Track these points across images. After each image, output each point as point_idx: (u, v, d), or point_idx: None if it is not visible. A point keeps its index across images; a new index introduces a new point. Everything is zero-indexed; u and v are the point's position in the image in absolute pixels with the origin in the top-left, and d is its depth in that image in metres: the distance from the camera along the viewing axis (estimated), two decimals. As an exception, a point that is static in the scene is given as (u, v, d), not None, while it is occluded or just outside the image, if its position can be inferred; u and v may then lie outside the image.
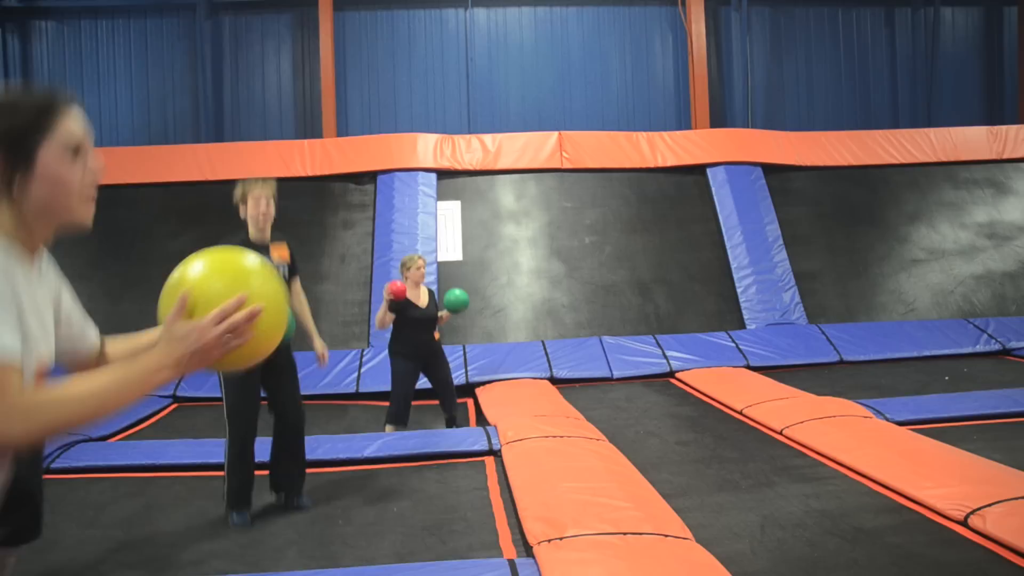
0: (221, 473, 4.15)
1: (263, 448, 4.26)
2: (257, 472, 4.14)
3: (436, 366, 5.90)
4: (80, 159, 1.35)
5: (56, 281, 1.47)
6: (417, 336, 5.79)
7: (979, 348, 8.35)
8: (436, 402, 6.08)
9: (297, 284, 4.43)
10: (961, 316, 9.08)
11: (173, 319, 1.30)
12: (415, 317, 5.74)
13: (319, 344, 4.49)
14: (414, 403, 5.85)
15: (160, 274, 1.54)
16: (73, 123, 1.35)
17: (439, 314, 5.94)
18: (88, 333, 1.55)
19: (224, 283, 1.35)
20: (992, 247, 9.76)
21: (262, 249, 4.07)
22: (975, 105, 12.96)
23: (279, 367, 4.01)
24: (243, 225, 4.20)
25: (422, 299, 5.81)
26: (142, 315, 9.59)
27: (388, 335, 6.10)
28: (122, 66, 12.31)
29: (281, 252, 4.23)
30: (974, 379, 7.09)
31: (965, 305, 9.24)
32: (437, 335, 5.95)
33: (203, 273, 1.36)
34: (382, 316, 5.72)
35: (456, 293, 5.95)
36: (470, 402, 7.24)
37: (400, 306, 5.70)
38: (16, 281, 1.27)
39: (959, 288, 9.41)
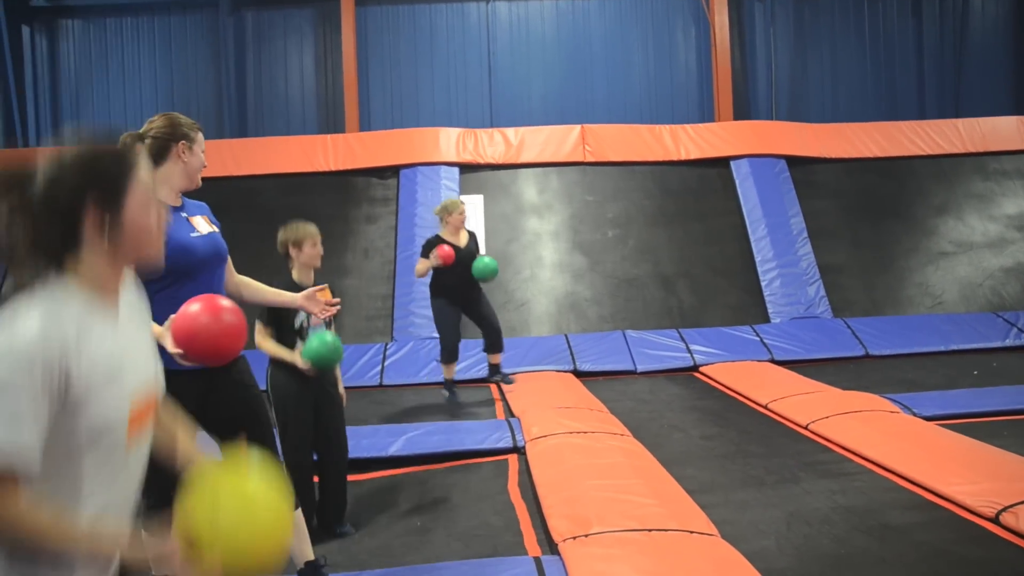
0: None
1: None
2: None
3: (478, 304, 6.05)
4: (154, 202, 1.45)
5: (144, 306, 1.60)
6: (457, 274, 5.94)
7: (1009, 342, 8.22)
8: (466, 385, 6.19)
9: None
10: (990, 310, 8.96)
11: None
12: (456, 256, 5.90)
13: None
14: (434, 387, 5.93)
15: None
16: (145, 175, 1.45)
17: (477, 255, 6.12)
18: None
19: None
20: (1022, 239, 9.61)
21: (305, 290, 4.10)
22: (1005, 95, 12.74)
23: (330, 396, 3.98)
24: (286, 268, 4.17)
25: (461, 241, 5.99)
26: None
27: (403, 317, 6.19)
28: (147, 63, 12.42)
29: (326, 296, 4.17)
30: (1003, 374, 6.99)
31: (994, 298, 9.12)
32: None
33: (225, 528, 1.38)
34: (422, 269, 5.91)
35: (485, 260, 6.08)
36: (495, 390, 7.24)
37: (439, 245, 5.88)
38: (82, 339, 1.32)
39: (988, 281, 9.28)
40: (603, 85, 12.48)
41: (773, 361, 7.87)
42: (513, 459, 4.90)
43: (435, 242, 6.14)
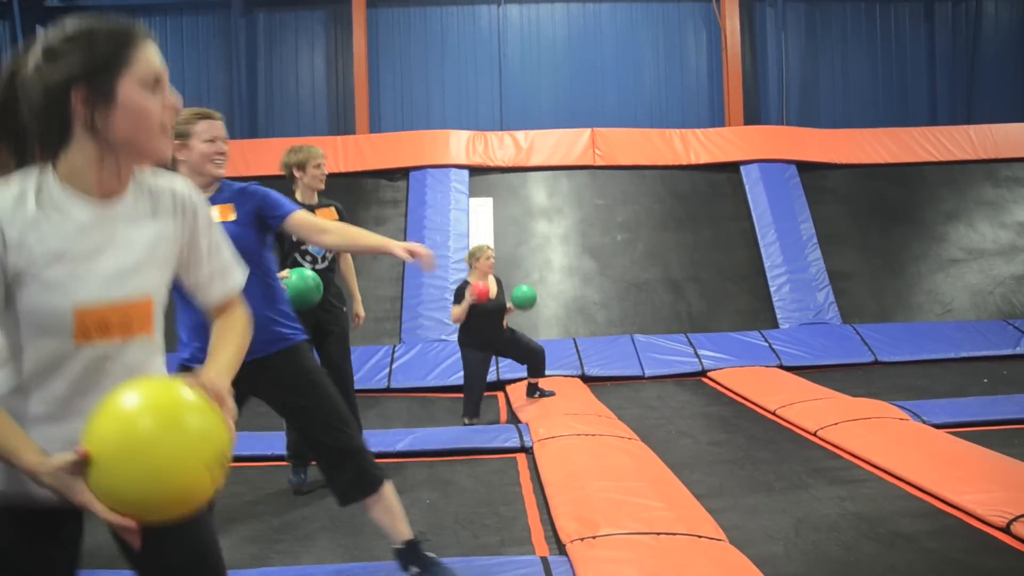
0: (251, 464, 4.19)
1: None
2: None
3: (512, 346, 6.02)
4: (158, 92, 1.36)
5: (176, 226, 1.48)
6: (487, 326, 5.94)
7: (1019, 350, 8.18)
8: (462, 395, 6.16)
9: None
10: (1000, 317, 8.92)
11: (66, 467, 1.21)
12: (486, 309, 5.85)
13: (358, 306, 4.58)
14: (442, 396, 5.91)
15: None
16: (150, 55, 1.36)
17: (506, 305, 6.04)
18: (211, 289, 1.58)
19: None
20: (1033, 247, 9.57)
21: (310, 210, 4.18)
22: (1017, 101, 12.67)
23: (328, 320, 4.06)
24: (290, 190, 4.31)
25: (491, 289, 5.92)
26: (176, 309, 9.68)
27: (411, 326, 6.17)
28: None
29: (327, 217, 4.29)
30: (1014, 382, 6.95)
31: (1005, 306, 9.07)
32: (506, 323, 6.08)
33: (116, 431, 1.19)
34: (459, 313, 5.85)
35: (524, 289, 6.09)
36: (500, 397, 7.24)
37: (468, 297, 5.84)
38: (28, 226, 1.28)
39: (998, 289, 9.24)
40: (613, 89, 12.48)
41: (782, 367, 7.85)
42: (521, 458, 4.91)
43: (465, 286, 6.08)
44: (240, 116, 12.16)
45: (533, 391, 6.25)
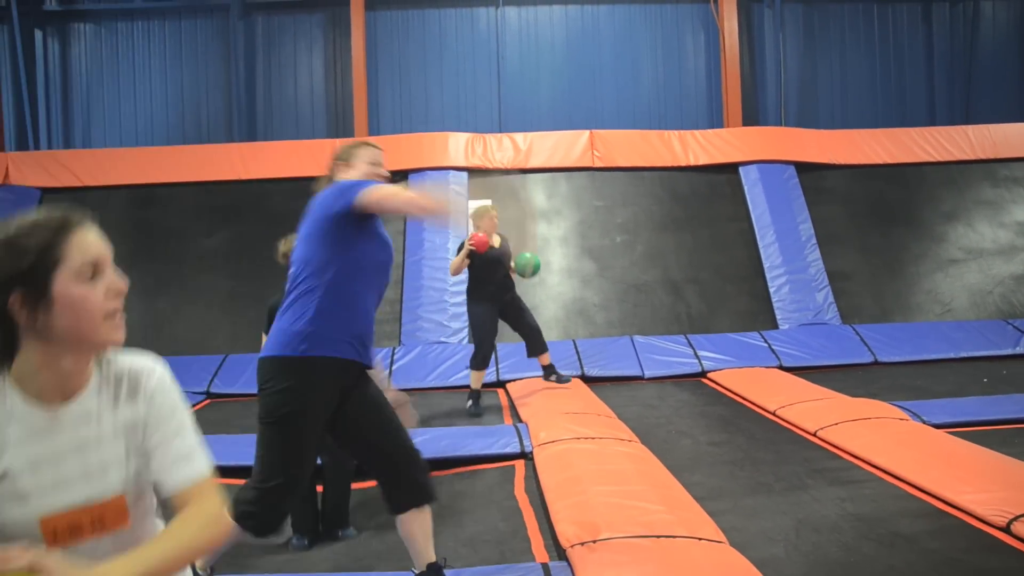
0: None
1: None
2: None
3: (516, 310, 6.08)
4: (99, 277, 1.32)
5: (134, 413, 1.41)
6: (491, 276, 6.00)
7: (1019, 350, 8.18)
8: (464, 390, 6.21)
9: None
10: (1000, 317, 8.92)
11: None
12: (490, 257, 5.96)
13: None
14: (448, 390, 5.92)
15: (194, 273, 1.54)
16: (84, 244, 1.32)
17: (510, 257, 6.17)
18: (171, 475, 1.41)
19: None
20: (1032, 246, 9.57)
21: None
22: (1015, 101, 12.70)
23: None
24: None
25: (495, 241, 6.04)
26: (176, 314, 9.67)
27: (408, 326, 6.19)
28: (157, 67, 12.48)
29: None
30: (1013, 381, 6.95)
31: (1004, 306, 9.08)
32: (513, 274, 6.24)
33: None
34: (458, 263, 5.95)
35: (527, 255, 6.10)
36: (502, 394, 7.24)
37: (473, 252, 5.90)
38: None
39: (998, 288, 9.24)
40: (612, 90, 12.49)
41: (781, 367, 7.84)
42: (520, 464, 4.89)
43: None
44: (239, 119, 12.16)
45: (549, 374, 6.29)
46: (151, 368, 1.45)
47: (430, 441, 5.21)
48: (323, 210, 2.80)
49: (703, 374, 7.82)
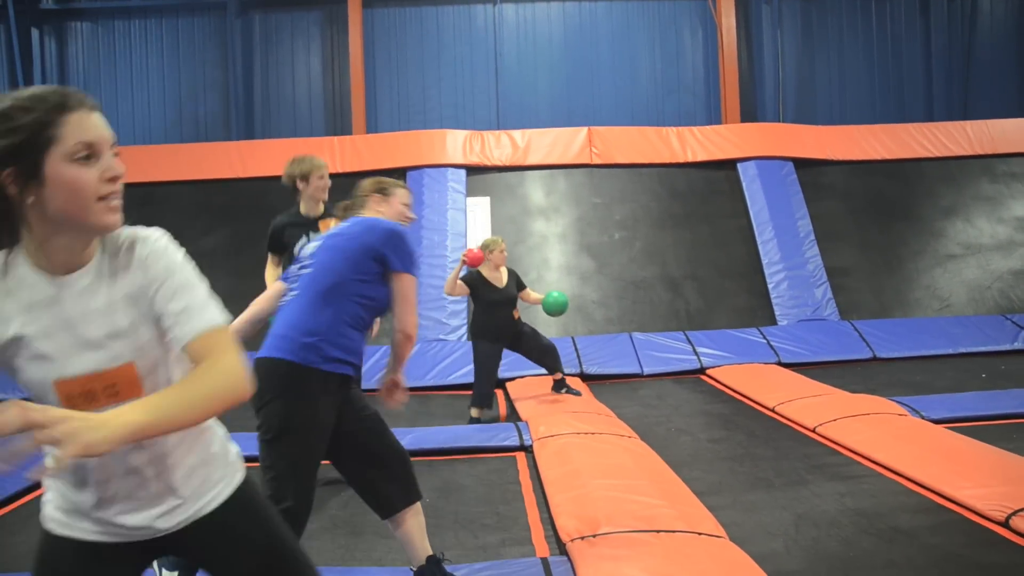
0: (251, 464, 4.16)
1: None
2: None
3: (525, 340, 6.04)
4: (94, 161, 1.32)
5: (134, 281, 1.42)
6: (497, 317, 5.96)
7: (1017, 345, 8.19)
8: (470, 392, 6.15)
9: None
10: (998, 312, 8.93)
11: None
12: (494, 299, 5.91)
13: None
14: (447, 392, 5.90)
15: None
16: (81, 126, 1.31)
17: (517, 299, 6.10)
18: (181, 328, 1.39)
19: None
20: (1030, 242, 9.58)
21: (313, 223, 4.19)
22: (1013, 96, 12.71)
23: None
24: (294, 202, 4.32)
25: (502, 280, 5.96)
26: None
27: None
28: (155, 65, 12.47)
29: (329, 227, 4.26)
30: (1012, 376, 6.96)
31: (1003, 301, 9.09)
32: (516, 314, 6.13)
33: None
34: (452, 281, 5.93)
35: (554, 295, 6.08)
36: (499, 393, 7.24)
37: (478, 287, 5.87)
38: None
39: (996, 284, 9.25)
40: (610, 87, 12.48)
41: (780, 364, 7.85)
42: (521, 456, 4.91)
43: (469, 273, 6.13)
44: (236, 117, 12.15)
45: (560, 387, 6.28)
46: (147, 235, 1.45)
47: (428, 434, 5.22)
48: (374, 245, 2.74)
49: (702, 371, 7.83)
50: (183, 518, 1.53)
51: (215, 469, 1.58)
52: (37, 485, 4.64)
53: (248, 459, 4.38)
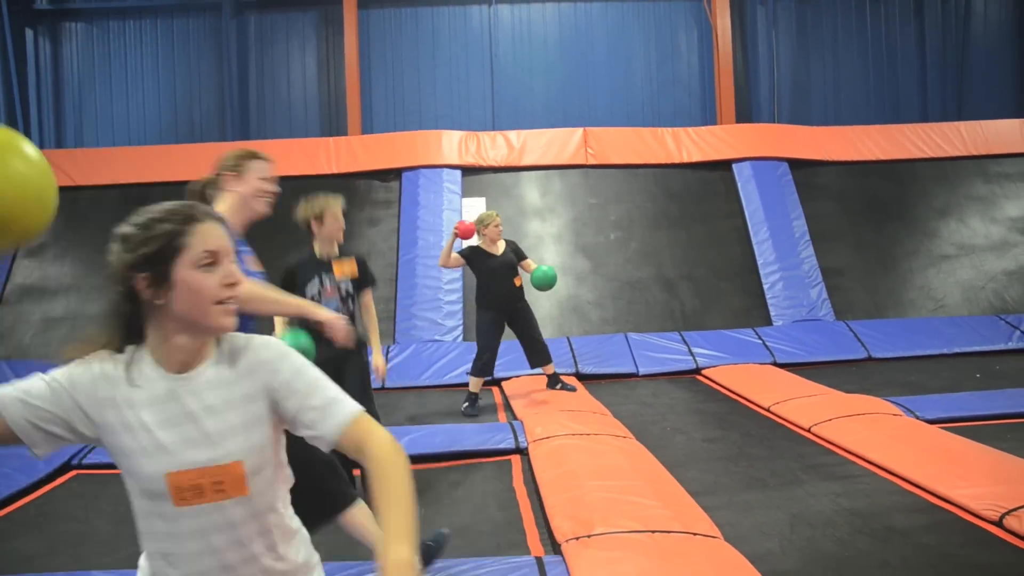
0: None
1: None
2: None
3: (522, 320, 6.10)
4: (216, 268, 1.46)
5: (252, 384, 1.51)
6: (498, 284, 6.08)
7: (1011, 345, 8.22)
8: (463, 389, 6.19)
9: (367, 297, 4.30)
10: (992, 312, 8.95)
11: None
12: (492, 266, 5.97)
13: (378, 358, 4.35)
14: (443, 388, 5.91)
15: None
16: (206, 236, 1.46)
17: (517, 267, 6.20)
18: (323, 426, 1.49)
19: None
20: (1024, 242, 9.61)
21: (326, 266, 4.13)
22: (1007, 97, 12.74)
23: (346, 371, 4.02)
24: (308, 240, 4.23)
25: (499, 250, 6.07)
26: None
27: (406, 322, 6.18)
28: (149, 66, 12.44)
29: (343, 269, 4.22)
30: (1006, 376, 6.98)
31: (997, 301, 9.11)
32: (519, 281, 6.22)
33: None
34: (446, 253, 6.05)
35: (543, 268, 6.15)
36: (496, 392, 7.25)
37: (474, 258, 5.96)
38: (110, 399, 1.44)
39: (990, 284, 9.27)
40: (605, 88, 12.49)
41: (775, 364, 7.86)
42: (516, 459, 4.91)
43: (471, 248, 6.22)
44: (231, 118, 12.13)
45: (554, 383, 6.33)
46: (265, 342, 1.56)
47: (424, 437, 5.22)
48: None
49: (697, 371, 7.83)
50: None
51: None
52: (32, 488, 4.63)
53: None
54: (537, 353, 6.31)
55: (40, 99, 12.37)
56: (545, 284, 6.13)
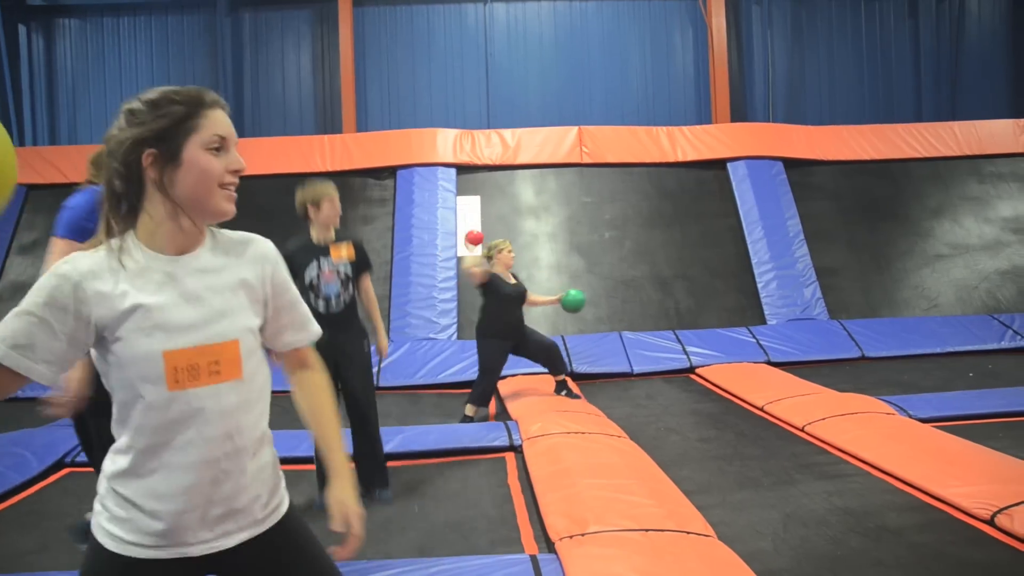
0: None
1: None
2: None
3: (530, 341, 6.12)
4: (223, 153, 1.49)
5: (251, 272, 1.58)
6: (508, 314, 6.03)
7: (1004, 344, 8.25)
8: (459, 391, 6.16)
9: (366, 281, 4.35)
10: (986, 312, 8.98)
11: None
12: (506, 293, 5.97)
13: (382, 339, 4.49)
14: (437, 392, 5.90)
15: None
16: (217, 121, 1.50)
17: (526, 294, 6.20)
18: (284, 338, 1.67)
19: None
20: (1018, 242, 9.64)
21: (323, 250, 4.14)
22: (1001, 98, 12.78)
23: (348, 356, 4.03)
24: (305, 227, 4.23)
25: (511, 277, 6.06)
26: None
27: (396, 321, 6.17)
28: (144, 63, 12.40)
29: (340, 252, 4.23)
30: (999, 376, 7.01)
31: (990, 301, 9.14)
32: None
33: None
34: (478, 263, 6.04)
35: (572, 293, 6.21)
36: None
37: (493, 282, 5.95)
38: (107, 287, 1.43)
39: (983, 284, 9.30)
40: (600, 87, 12.49)
41: (769, 363, 7.88)
42: (510, 457, 4.91)
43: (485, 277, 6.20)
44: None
45: (560, 389, 6.33)
46: (264, 240, 1.64)
47: (418, 435, 5.22)
48: None
49: (691, 370, 7.84)
50: (246, 535, 1.56)
51: (276, 487, 1.63)
52: (25, 485, 4.62)
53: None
54: (556, 360, 6.30)
55: (33, 95, 12.33)
56: (576, 308, 6.42)
